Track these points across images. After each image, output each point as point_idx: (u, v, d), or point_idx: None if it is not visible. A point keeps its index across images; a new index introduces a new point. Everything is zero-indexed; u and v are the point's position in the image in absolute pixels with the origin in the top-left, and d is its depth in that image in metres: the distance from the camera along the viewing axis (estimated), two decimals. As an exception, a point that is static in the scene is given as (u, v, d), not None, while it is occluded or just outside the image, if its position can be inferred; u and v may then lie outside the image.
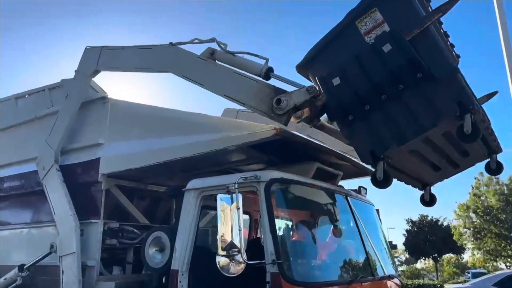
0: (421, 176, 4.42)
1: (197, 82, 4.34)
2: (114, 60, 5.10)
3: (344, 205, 4.36)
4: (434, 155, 3.99)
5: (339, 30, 3.50)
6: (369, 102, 3.34)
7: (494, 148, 4.06)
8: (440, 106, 3.22)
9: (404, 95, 3.26)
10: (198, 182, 4.04)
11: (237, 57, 4.19)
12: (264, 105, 3.76)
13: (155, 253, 4.11)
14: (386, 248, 5.05)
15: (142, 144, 4.55)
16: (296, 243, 4.01)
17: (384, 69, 3.24)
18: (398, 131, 3.33)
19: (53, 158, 5.13)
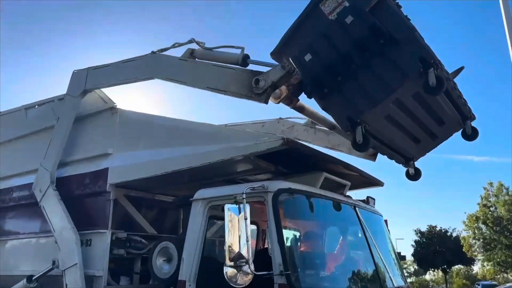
0: (403, 149, 4.54)
1: (180, 81, 4.56)
2: (101, 77, 5.30)
3: (352, 215, 4.33)
4: (411, 123, 4.16)
5: (305, 14, 3.84)
6: (340, 73, 3.62)
7: (466, 114, 4.31)
8: (404, 66, 3.45)
9: (371, 61, 3.54)
10: (206, 192, 4.05)
11: (215, 51, 4.42)
12: (244, 89, 3.94)
13: (162, 263, 4.10)
14: (395, 259, 4.99)
15: (150, 154, 4.57)
16: (304, 254, 3.98)
17: (349, 40, 3.53)
18: (370, 95, 3.58)
19: (49, 180, 5.21)
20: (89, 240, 4.78)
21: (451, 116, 4.28)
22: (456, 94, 4.07)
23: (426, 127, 4.33)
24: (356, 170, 4.69)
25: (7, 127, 6.48)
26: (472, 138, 4.39)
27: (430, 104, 3.97)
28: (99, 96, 5.37)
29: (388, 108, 3.72)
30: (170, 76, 4.67)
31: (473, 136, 4.38)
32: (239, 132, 5.04)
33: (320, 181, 4.28)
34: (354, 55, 3.55)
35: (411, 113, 4.00)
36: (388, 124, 3.96)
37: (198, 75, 4.42)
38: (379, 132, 3.98)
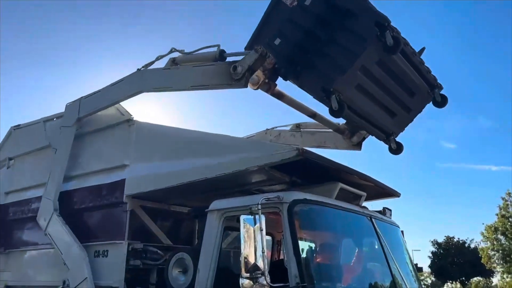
0: (382, 123, 4.76)
1: (166, 88, 4.93)
2: (93, 103, 5.57)
3: (368, 226, 4.29)
4: (383, 95, 4.43)
5: (270, 8, 4.28)
6: (309, 50, 4.02)
7: (433, 82, 4.65)
8: (362, 32, 3.82)
9: (334, 35, 3.95)
10: (221, 203, 4.06)
11: (194, 54, 4.80)
12: (224, 78, 4.31)
13: (178, 274, 4.11)
14: (412, 271, 4.92)
15: (166, 165, 4.62)
16: (321, 266, 3.95)
17: (312, 19, 3.97)
18: (338, 65, 3.93)
19: (52, 208, 5.38)
20: (106, 251, 4.83)
21: (419, 87, 4.59)
22: (419, 62, 4.41)
23: (399, 100, 4.61)
24: (372, 180, 4.66)
25: (26, 139, 6.63)
26: (442, 104, 4.69)
27: (397, 74, 4.29)
28: (116, 108, 5.47)
29: (356, 76, 3.99)
30: (155, 86, 4.98)
31: (442, 103, 4.68)
32: (254, 143, 5.06)
33: (335, 191, 4.26)
34: (318, 32, 3.99)
35: (381, 83, 4.28)
36: (360, 95, 4.22)
37: (181, 78, 4.77)
38: (353, 102, 4.19)
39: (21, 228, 6.07)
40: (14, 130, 7.06)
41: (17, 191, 6.38)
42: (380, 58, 3.98)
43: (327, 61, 3.99)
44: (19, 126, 7.02)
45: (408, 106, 4.76)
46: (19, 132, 6.96)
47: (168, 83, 4.88)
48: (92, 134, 5.69)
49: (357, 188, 4.63)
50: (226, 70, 4.27)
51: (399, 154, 5.00)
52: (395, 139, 4.96)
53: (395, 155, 4.99)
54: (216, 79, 4.39)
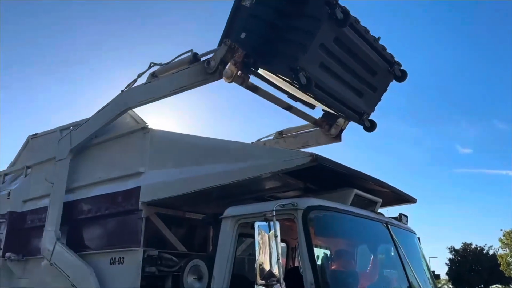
0: (352, 103, 5.09)
1: (149, 100, 5.26)
2: (83, 133, 5.84)
3: (384, 233, 4.24)
4: (347, 75, 4.81)
5: (234, 9, 4.66)
6: (272, 38, 4.47)
7: (391, 59, 5.05)
8: (315, 14, 4.25)
9: (292, 21, 4.38)
10: (235, 210, 4.06)
11: (171, 63, 5.16)
12: (200, 75, 4.71)
13: (193, 281, 4.12)
14: (430, 278, 4.84)
15: (180, 172, 4.64)
16: (336, 273, 3.90)
17: (270, 11, 4.44)
18: (299, 45, 4.29)
19: (55, 237, 5.51)
20: (122, 258, 4.86)
21: (379, 65, 5.01)
22: (374, 40, 4.82)
23: (362, 79, 5.00)
24: (387, 186, 4.61)
25: (43, 148, 6.74)
26: (402, 79, 5.15)
27: (355, 52, 4.70)
28: (131, 116, 5.54)
29: (318, 54, 4.39)
30: (140, 99, 5.32)
31: (403, 77, 5.15)
32: (268, 149, 5.06)
33: (350, 198, 4.23)
34: (278, 22, 4.46)
35: (342, 63, 4.68)
36: (326, 74, 4.58)
37: (161, 87, 5.13)
38: (321, 81, 4.52)
39: (39, 236, 6.13)
40: (31, 139, 7.19)
41: (35, 199, 6.47)
42: (336, 36, 4.44)
43: (290, 45, 4.39)
44: (36, 135, 7.15)
45: (373, 85, 5.16)
46: (36, 141, 7.08)
47: (150, 95, 5.23)
48: (107, 143, 5.76)
49: (373, 194, 4.58)
50: (201, 68, 4.70)
51: (374, 131, 5.44)
52: (368, 118, 5.35)
53: (370, 132, 5.46)
54: (193, 78, 4.80)
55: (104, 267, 5.01)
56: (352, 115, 5.24)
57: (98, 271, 5.13)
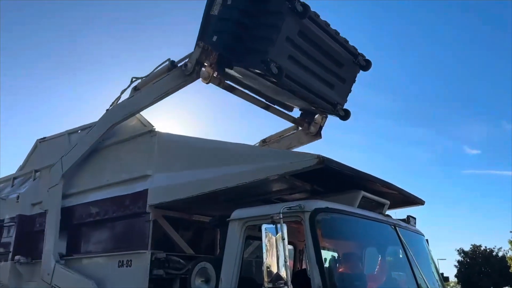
0: (325, 94, 5.42)
1: (133, 112, 5.48)
2: (74, 156, 6.00)
3: (392, 235, 4.22)
4: (315, 67, 5.13)
5: (204, 19, 4.97)
6: (242, 37, 4.75)
7: (354, 51, 5.41)
8: (278, 9, 4.58)
9: (258, 19, 4.70)
10: (242, 212, 4.06)
11: (151, 75, 5.47)
12: (179, 79, 5.04)
13: (201, 284, 4.12)
14: (438, 280, 4.80)
15: (187, 175, 4.65)
16: (344, 275, 3.89)
17: (236, 13, 4.72)
18: (267, 40, 4.60)
19: (54, 260, 5.58)
20: (130, 260, 4.88)
21: (344, 57, 5.37)
22: (337, 35, 5.16)
23: (331, 71, 5.35)
24: (395, 188, 4.59)
25: (51, 152, 6.79)
26: (367, 68, 5.52)
27: (319, 44, 5.04)
28: (138, 120, 5.57)
29: (285, 46, 4.68)
30: (124, 114, 5.54)
31: (367, 66, 5.51)
32: (274, 152, 5.07)
33: (358, 200, 4.21)
34: (245, 21, 4.74)
35: (310, 56, 5.01)
36: (296, 66, 4.88)
37: (144, 98, 5.41)
38: (292, 73, 4.81)
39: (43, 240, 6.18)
40: (40, 142, 7.25)
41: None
42: (300, 29, 4.76)
43: (259, 41, 4.70)
44: (45, 138, 7.21)
45: (341, 77, 5.52)
46: (45, 145, 7.14)
47: (134, 107, 5.49)
48: (114, 146, 5.79)
49: (380, 196, 4.56)
50: (179, 72, 5.03)
51: (348, 119, 5.79)
52: (342, 108, 5.68)
53: (344, 121, 5.81)
54: (173, 83, 5.11)
55: (112, 270, 5.04)
56: (326, 106, 5.56)
57: (106, 274, 5.16)
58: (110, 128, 5.68)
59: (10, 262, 6.36)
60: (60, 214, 5.84)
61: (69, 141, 6.52)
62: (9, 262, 6.38)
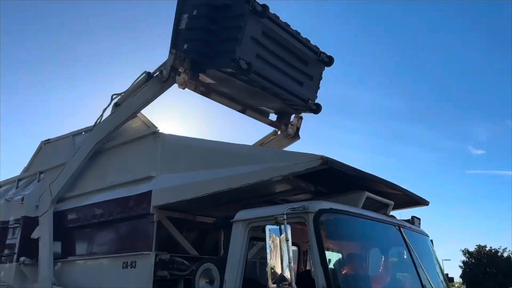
0: (296, 91, 5.74)
1: (117, 127, 5.69)
2: (61, 181, 6.13)
3: (397, 236, 4.21)
4: (283, 65, 5.47)
5: (174, 32, 5.27)
6: (211, 42, 5.04)
7: (316, 50, 5.80)
8: (239, 12, 4.91)
9: (223, 23, 5.02)
10: (246, 213, 4.06)
11: (130, 89, 5.70)
12: (156, 87, 5.29)
13: (205, 285, 4.12)
14: (443, 281, 4.79)
15: (191, 176, 4.66)
16: (348, 276, 3.88)
17: (203, 21, 5.05)
18: (234, 40, 4.88)
19: (51, 283, 5.65)
20: (134, 262, 4.89)
21: (308, 55, 5.72)
22: (298, 34, 5.51)
23: (298, 69, 5.68)
24: (399, 189, 4.58)
25: (56, 153, 6.82)
26: (330, 63, 5.95)
27: (283, 43, 5.36)
28: (142, 121, 5.59)
29: (251, 45, 5.00)
30: (107, 131, 5.76)
31: (330, 62, 5.94)
32: (278, 152, 5.06)
33: (362, 201, 4.20)
34: (212, 27, 5.03)
35: (275, 54, 5.33)
36: (265, 65, 5.20)
37: (125, 112, 5.63)
38: (261, 70, 5.14)
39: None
40: (44, 144, 7.28)
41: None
42: (263, 30, 5.09)
43: (227, 43, 4.97)
44: (49, 140, 7.24)
45: (308, 74, 5.88)
46: (49, 146, 7.17)
47: (116, 122, 5.71)
48: (118, 147, 5.81)
49: (384, 196, 4.55)
50: (156, 80, 5.28)
51: (320, 112, 6.14)
52: (314, 103, 6.04)
53: (317, 114, 6.16)
54: (151, 92, 5.35)
55: (117, 271, 5.04)
56: (298, 102, 5.86)
57: (110, 276, 5.18)
58: (95, 148, 5.88)
59: (15, 263, 6.38)
60: (53, 240, 5.94)
61: (73, 143, 6.54)
62: (14, 263, 6.40)
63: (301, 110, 6.19)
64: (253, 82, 5.21)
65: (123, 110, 5.69)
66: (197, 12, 5.11)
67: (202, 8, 5.11)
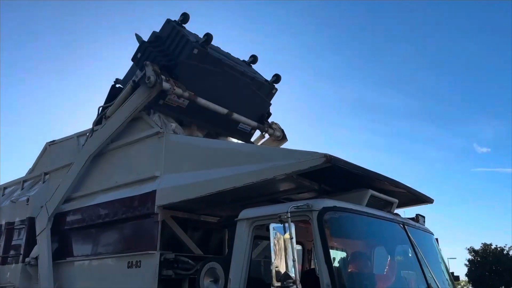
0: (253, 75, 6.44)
1: (108, 138, 5.83)
2: (56, 199, 6.19)
3: (401, 234, 4.19)
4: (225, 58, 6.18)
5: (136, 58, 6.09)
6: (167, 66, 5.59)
7: (252, 75, 6.45)
8: (184, 44, 5.71)
9: (172, 51, 5.82)
10: (250, 212, 4.06)
11: (117, 100, 5.92)
12: (144, 94, 5.45)
13: (210, 284, 4.12)
14: (449, 279, 4.76)
15: (195, 175, 4.67)
16: (353, 274, 3.87)
17: (157, 51, 5.85)
18: (184, 40, 5.75)
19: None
20: (139, 261, 4.90)
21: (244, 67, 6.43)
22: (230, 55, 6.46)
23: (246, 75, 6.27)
24: (404, 187, 4.56)
25: (61, 154, 6.85)
26: (277, 81, 6.73)
27: (222, 55, 6.12)
28: (146, 121, 5.60)
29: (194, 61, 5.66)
30: (99, 143, 5.89)
31: (277, 80, 6.73)
32: (281, 151, 5.06)
33: (366, 198, 4.19)
34: (164, 50, 5.87)
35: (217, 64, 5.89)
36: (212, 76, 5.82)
37: (115, 122, 5.77)
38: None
39: (57, 241, 6.24)
40: (49, 145, 7.31)
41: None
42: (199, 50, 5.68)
43: (180, 46, 5.73)
44: (54, 141, 7.27)
45: (252, 77, 6.38)
46: (54, 148, 7.20)
47: (106, 134, 5.85)
48: (122, 148, 5.83)
49: (388, 195, 4.54)
50: (144, 87, 5.42)
51: (279, 82, 6.73)
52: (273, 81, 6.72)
53: (277, 84, 6.72)
54: (140, 99, 5.49)
55: (122, 271, 5.06)
56: (262, 83, 6.51)
57: (115, 275, 5.19)
58: (88, 160, 6.01)
59: (21, 264, 6.42)
60: (51, 257, 6.00)
61: (78, 144, 6.57)
62: (20, 264, 6.44)
63: (269, 87, 6.65)
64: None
65: (113, 121, 5.81)
66: (141, 55, 5.92)
67: (151, 44, 6.00)
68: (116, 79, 6.57)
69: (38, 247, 6.20)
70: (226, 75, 5.98)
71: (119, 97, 5.92)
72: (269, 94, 6.73)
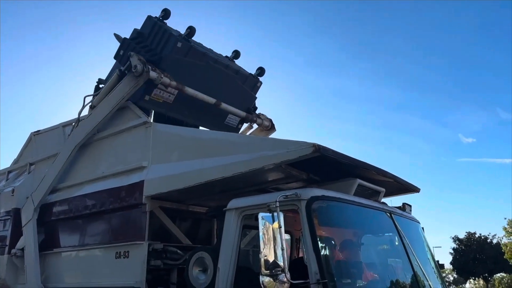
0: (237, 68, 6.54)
1: (95, 127, 5.76)
2: (42, 190, 6.15)
3: (388, 222, 4.24)
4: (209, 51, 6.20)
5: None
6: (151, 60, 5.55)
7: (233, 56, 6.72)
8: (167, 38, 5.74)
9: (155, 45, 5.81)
10: (239, 202, 4.06)
11: (104, 89, 5.88)
12: (131, 82, 5.35)
13: (198, 273, 4.13)
14: (435, 267, 4.84)
15: (183, 166, 4.64)
16: (341, 263, 3.91)
17: (141, 46, 5.86)
18: (167, 35, 5.76)
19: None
20: (127, 251, 4.88)
21: (229, 66, 6.33)
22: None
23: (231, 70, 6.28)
24: (391, 176, 4.61)
25: (46, 145, 6.75)
26: (261, 74, 6.77)
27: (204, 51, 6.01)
28: (133, 111, 5.54)
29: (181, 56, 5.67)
30: (85, 133, 5.82)
31: (261, 73, 6.77)
32: (270, 140, 5.05)
33: (353, 188, 4.22)
34: (148, 46, 5.82)
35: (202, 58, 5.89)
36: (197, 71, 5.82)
37: (102, 112, 5.68)
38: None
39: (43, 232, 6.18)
40: (34, 136, 7.20)
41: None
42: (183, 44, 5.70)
43: (163, 41, 5.73)
44: (39, 132, 7.16)
45: (236, 70, 6.43)
46: (39, 138, 7.10)
47: (94, 123, 5.74)
48: (109, 138, 5.76)
49: (376, 184, 4.58)
50: (131, 76, 5.33)
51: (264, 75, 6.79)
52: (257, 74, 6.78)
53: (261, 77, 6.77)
54: (127, 88, 5.39)
55: (110, 261, 5.04)
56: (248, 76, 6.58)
57: (103, 266, 5.17)
58: (74, 150, 5.93)
59: (7, 255, 6.35)
60: (38, 248, 5.94)
61: (64, 134, 6.48)
62: (5, 255, 6.37)
63: (253, 80, 6.65)
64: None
65: (100, 110, 5.73)
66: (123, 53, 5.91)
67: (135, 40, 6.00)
68: (99, 79, 6.48)
69: (24, 238, 6.14)
70: (210, 68, 5.93)
71: (105, 87, 5.84)
72: (254, 88, 6.71)
